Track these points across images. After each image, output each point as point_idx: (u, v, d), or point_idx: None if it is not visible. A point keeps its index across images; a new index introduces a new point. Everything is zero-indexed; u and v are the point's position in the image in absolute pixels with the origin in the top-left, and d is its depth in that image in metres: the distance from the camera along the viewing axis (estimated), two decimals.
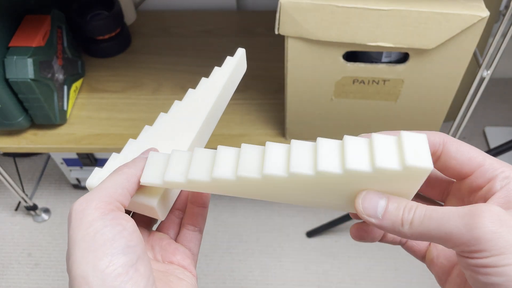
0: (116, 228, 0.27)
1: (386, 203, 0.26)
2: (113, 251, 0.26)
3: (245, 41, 0.94)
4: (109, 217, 0.27)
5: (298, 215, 1.03)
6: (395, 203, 0.26)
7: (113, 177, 0.30)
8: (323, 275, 0.95)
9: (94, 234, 0.26)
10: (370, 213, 0.26)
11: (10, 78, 0.69)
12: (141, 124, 0.82)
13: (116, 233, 0.26)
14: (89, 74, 0.90)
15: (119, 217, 0.27)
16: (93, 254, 0.25)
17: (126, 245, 0.26)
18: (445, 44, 0.55)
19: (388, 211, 0.26)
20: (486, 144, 1.12)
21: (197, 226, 0.35)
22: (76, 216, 0.27)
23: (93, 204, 0.27)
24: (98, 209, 0.27)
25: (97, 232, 0.26)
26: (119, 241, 0.26)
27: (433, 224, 0.24)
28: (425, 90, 0.63)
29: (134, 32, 0.97)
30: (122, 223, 0.27)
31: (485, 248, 0.22)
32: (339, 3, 0.52)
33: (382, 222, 0.26)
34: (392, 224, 0.26)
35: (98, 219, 0.27)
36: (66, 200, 1.09)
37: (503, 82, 1.24)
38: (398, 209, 0.26)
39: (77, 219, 0.27)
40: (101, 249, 0.25)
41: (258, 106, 0.82)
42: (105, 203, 0.28)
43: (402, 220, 0.25)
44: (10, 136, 0.80)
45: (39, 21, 0.75)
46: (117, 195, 0.29)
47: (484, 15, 0.52)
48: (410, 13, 0.52)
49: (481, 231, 0.22)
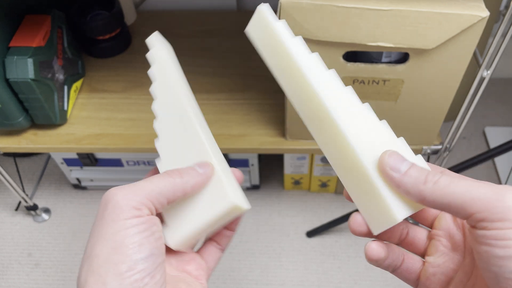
0: (145, 234, 0.27)
1: (411, 164, 0.27)
2: (136, 257, 0.26)
3: (245, 41, 0.94)
4: (141, 220, 0.27)
5: (298, 215, 1.03)
6: (419, 166, 0.27)
7: (160, 179, 0.30)
8: (323, 275, 0.95)
9: (124, 237, 0.26)
10: (393, 166, 0.27)
11: (10, 78, 0.69)
12: (141, 124, 0.83)
13: (144, 239, 0.27)
14: (89, 74, 0.90)
15: (151, 222, 0.28)
16: (117, 256, 0.26)
17: (150, 253, 0.27)
18: (445, 44, 0.55)
19: (412, 169, 0.27)
20: (486, 144, 1.12)
21: (220, 245, 0.36)
22: (109, 205, 0.27)
23: (133, 203, 0.27)
24: (135, 209, 0.27)
25: (127, 235, 0.26)
26: (145, 247, 0.26)
27: (462, 187, 0.24)
28: (425, 90, 0.63)
29: (134, 32, 0.97)
30: (152, 230, 0.27)
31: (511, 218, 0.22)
32: (339, 3, 0.52)
33: (403, 177, 0.26)
34: (415, 181, 0.26)
35: (133, 220, 0.27)
36: (66, 200, 1.09)
37: (503, 82, 1.24)
38: (422, 170, 0.26)
39: (109, 210, 0.27)
40: (126, 252, 0.26)
41: (258, 106, 0.82)
42: (144, 206, 0.28)
43: (426, 178, 0.26)
44: (10, 136, 0.80)
45: (39, 21, 0.75)
46: (155, 201, 0.29)
47: (484, 15, 0.52)
48: (410, 13, 0.52)
49: (510, 203, 0.23)
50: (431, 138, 0.73)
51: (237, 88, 0.85)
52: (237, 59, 0.90)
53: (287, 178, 1.04)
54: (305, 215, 1.04)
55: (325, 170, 0.99)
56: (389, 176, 0.27)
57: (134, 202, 0.28)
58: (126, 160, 1.00)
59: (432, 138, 0.73)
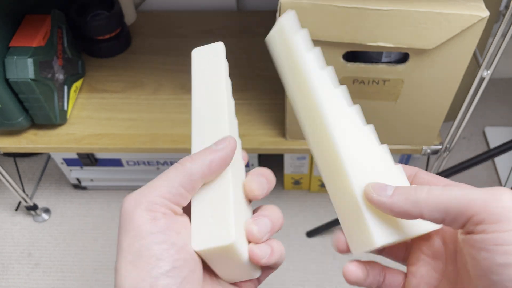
0: (164, 245, 0.24)
1: (395, 187, 0.27)
2: (157, 272, 0.24)
3: (245, 41, 0.94)
4: (158, 226, 0.25)
5: (298, 215, 1.03)
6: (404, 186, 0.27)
7: (169, 173, 0.27)
8: (323, 275, 0.95)
9: (140, 248, 0.24)
10: (379, 192, 0.26)
11: (10, 78, 0.69)
12: (141, 124, 0.83)
13: (163, 251, 0.24)
14: (89, 74, 0.90)
15: (170, 227, 0.25)
16: (136, 271, 0.24)
17: (172, 267, 0.24)
18: (445, 44, 0.55)
19: (398, 188, 0.26)
20: (486, 144, 1.12)
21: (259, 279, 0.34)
22: (125, 217, 0.25)
23: (143, 205, 0.25)
24: (148, 211, 0.25)
25: (143, 247, 0.24)
26: (165, 261, 0.24)
27: (455, 191, 0.24)
28: (425, 90, 0.63)
29: (134, 32, 0.97)
30: (172, 237, 0.25)
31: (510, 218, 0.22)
32: (339, 3, 0.52)
33: (393, 197, 0.26)
34: (405, 197, 0.25)
35: (146, 225, 0.25)
36: (66, 200, 1.09)
37: (503, 82, 1.24)
38: (409, 187, 0.26)
39: (125, 220, 0.25)
40: (145, 267, 0.24)
41: (258, 106, 0.82)
42: (157, 205, 0.25)
43: (415, 191, 0.25)
44: (10, 136, 0.80)
45: (39, 21, 0.75)
46: (171, 196, 0.26)
47: (484, 15, 0.52)
48: (410, 13, 0.52)
49: (507, 202, 0.22)
50: (431, 138, 0.73)
51: (237, 88, 0.85)
52: (237, 59, 0.90)
53: (287, 178, 1.04)
54: (305, 215, 1.04)
55: None
56: (379, 202, 0.26)
57: (146, 204, 0.25)
58: (126, 160, 1.00)
59: (432, 138, 0.73)
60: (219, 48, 0.36)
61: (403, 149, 0.74)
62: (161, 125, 0.81)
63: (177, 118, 0.81)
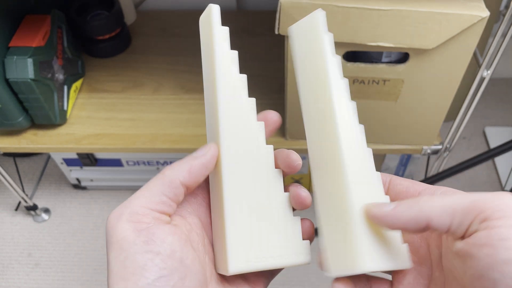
0: (148, 255, 0.24)
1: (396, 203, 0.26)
2: (143, 282, 0.24)
3: (245, 41, 0.94)
4: (142, 237, 0.25)
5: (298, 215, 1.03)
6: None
7: (150, 183, 0.27)
8: (323, 275, 0.95)
9: (125, 260, 0.24)
10: (381, 207, 0.26)
11: (10, 78, 0.69)
12: (141, 124, 0.83)
13: (147, 260, 0.24)
14: (89, 74, 0.90)
15: (154, 236, 0.25)
16: (123, 283, 0.24)
17: (159, 275, 0.24)
18: (445, 44, 0.55)
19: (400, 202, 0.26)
20: (486, 144, 1.12)
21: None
22: (109, 230, 0.25)
23: (125, 217, 0.25)
24: (130, 223, 0.25)
25: (127, 258, 0.24)
26: (151, 271, 0.24)
27: (457, 194, 0.24)
28: (425, 90, 0.63)
29: (134, 32, 0.97)
30: (157, 245, 0.25)
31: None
32: (339, 3, 0.52)
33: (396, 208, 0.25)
34: (409, 206, 0.25)
35: (129, 237, 0.25)
36: (66, 200, 1.09)
37: (503, 82, 1.24)
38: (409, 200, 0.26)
39: (110, 234, 0.25)
40: (131, 278, 0.24)
41: (258, 106, 0.81)
42: (139, 215, 0.25)
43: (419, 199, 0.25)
44: (10, 136, 0.80)
45: (39, 21, 0.75)
46: (153, 205, 0.26)
47: (484, 15, 0.52)
48: (410, 13, 0.52)
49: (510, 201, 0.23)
50: (431, 138, 0.73)
51: None
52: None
53: (287, 178, 1.04)
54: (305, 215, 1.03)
55: None
56: (382, 214, 0.26)
57: (127, 215, 0.25)
58: (126, 160, 1.00)
59: (432, 138, 0.73)
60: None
61: (403, 149, 0.74)
62: (161, 125, 0.81)
63: (177, 118, 0.81)
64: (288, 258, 0.30)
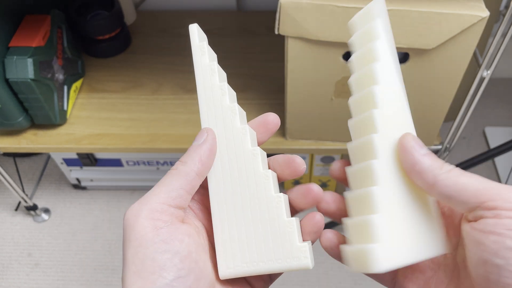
0: (167, 255, 0.24)
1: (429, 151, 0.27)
2: (161, 282, 0.24)
3: (245, 41, 0.94)
4: (161, 235, 0.25)
5: (298, 215, 1.03)
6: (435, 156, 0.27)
7: (166, 179, 0.27)
8: (323, 275, 0.95)
9: (144, 258, 0.24)
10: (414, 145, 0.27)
11: (10, 78, 0.69)
12: (141, 124, 0.83)
13: (166, 260, 0.24)
14: (89, 74, 0.90)
15: (173, 236, 0.25)
16: (141, 282, 0.24)
17: (177, 276, 0.24)
18: (445, 44, 0.55)
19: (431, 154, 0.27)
20: (486, 144, 1.12)
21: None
22: (127, 227, 0.25)
23: (143, 213, 0.25)
24: (150, 220, 0.25)
25: (147, 257, 0.24)
26: (169, 271, 0.24)
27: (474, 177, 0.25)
28: (425, 90, 0.63)
29: (134, 32, 0.97)
30: (175, 246, 0.25)
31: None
32: (339, 3, 0.52)
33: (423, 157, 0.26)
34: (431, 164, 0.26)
35: (149, 234, 0.25)
36: (66, 200, 1.09)
37: (503, 82, 1.24)
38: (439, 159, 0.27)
39: (128, 231, 0.25)
40: (150, 277, 0.24)
41: (258, 106, 0.82)
42: (158, 213, 0.25)
43: (442, 165, 0.26)
44: (10, 136, 0.80)
45: (39, 21, 0.75)
46: (171, 200, 0.26)
47: (484, 15, 0.52)
48: (410, 13, 0.52)
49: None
50: (431, 138, 0.73)
51: (237, 88, 0.85)
52: (237, 59, 0.90)
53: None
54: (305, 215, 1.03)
55: (325, 170, 0.99)
56: (409, 152, 0.26)
57: (147, 212, 0.25)
58: (126, 160, 1.00)
59: (432, 138, 0.73)
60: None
61: None
62: (161, 125, 0.81)
63: (177, 118, 0.81)
64: (282, 262, 0.29)
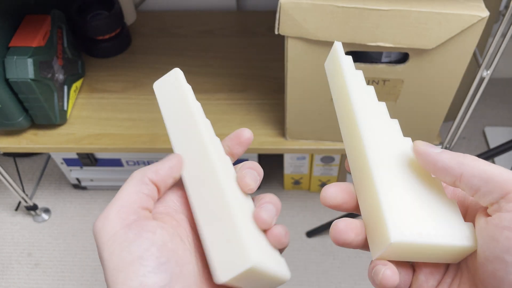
0: (143, 245, 0.25)
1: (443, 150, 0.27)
2: (143, 271, 0.24)
3: (245, 41, 0.94)
4: (133, 229, 0.25)
5: (298, 215, 1.03)
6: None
7: (122, 187, 0.28)
8: (323, 275, 0.95)
9: (120, 252, 0.24)
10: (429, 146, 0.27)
11: (10, 78, 0.69)
12: (141, 124, 0.83)
13: (143, 251, 0.25)
14: (89, 74, 0.90)
15: (144, 229, 0.25)
16: (123, 274, 0.24)
17: (158, 263, 0.24)
18: (445, 44, 0.55)
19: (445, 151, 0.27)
20: (486, 144, 1.12)
21: None
22: (98, 233, 0.26)
23: (111, 214, 0.26)
24: (118, 218, 0.26)
25: (123, 250, 0.24)
26: (149, 259, 0.24)
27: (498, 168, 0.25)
28: (425, 90, 0.63)
29: (134, 32, 0.97)
30: (149, 237, 0.25)
31: None
32: (339, 3, 0.52)
33: (441, 154, 0.27)
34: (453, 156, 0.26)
35: (121, 232, 0.25)
36: (66, 200, 1.09)
37: (503, 82, 1.24)
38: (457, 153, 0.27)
39: (99, 236, 0.26)
40: (130, 268, 0.24)
41: (258, 106, 0.82)
42: (125, 209, 0.26)
43: (464, 156, 0.26)
44: (10, 136, 0.80)
45: (39, 21, 0.75)
46: (133, 203, 0.27)
47: (484, 15, 0.52)
48: (410, 13, 0.52)
49: None
50: (431, 138, 0.73)
51: (237, 88, 0.85)
52: (237, 59, 0.90)
53: (287, 178, 1.04)
54: (305, 215, 1.04)
55: (325, 170, 0.99)
56: (426, 154, 0.27)
57: (114, 213, 0.26)
58: (126, 160, 1.00)
59: (432, 138, 0.73)
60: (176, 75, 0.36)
61: None
62: (161, 125, 0.81)
63: None
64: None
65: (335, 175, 1.01)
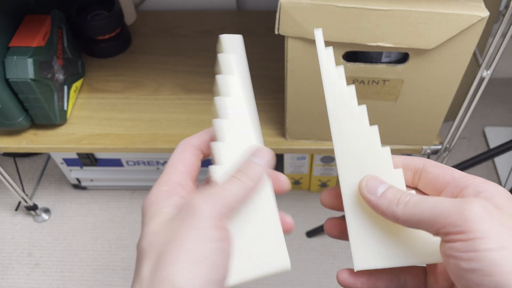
0: (221, 256, 0.27)
1: (387, 187, 0.29)
2: (210, 278, 0.25)
3: (245, 41, 0.94)
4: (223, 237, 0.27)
5: (298, 215, 1.03)
6: (395, 188, 0.29)
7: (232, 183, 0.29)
8: (323, 275, 0.95)
9: (205, 252, 0.26)
10: (370, 190, 0.29)
11: (10, 78, 0.69)
12: (141, 124, 0.83)
13: (220, 262, 0.26)
14: (89, 74, 0.90)
15: (226, 239, 0.27)
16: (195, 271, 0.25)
17: (223, 276, 0.27)
18: (445, 44, 0.55)
19: (387, 191, 0.29)
20: (486, 144, 1.12)
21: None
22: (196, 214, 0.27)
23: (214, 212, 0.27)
24: (216, 219, 0.27)
25: (207, 258, 0.26)
26: (220, 270, 0.26)
27: (427, 206, 0.26)
28: (425, 90, 0.63)
29: (134, 32, 0.97)
30: (226, 249, 0.27)
31: (470, 229, 0.24)
32: (339, 3, 0.52)
33: (379, 200, 0.29)
34: (389, 203, 0.28)
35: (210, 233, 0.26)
36: (66, 200, 1.09)
37: (503, 82, 1.24)
38: (397, 192, 0.28)
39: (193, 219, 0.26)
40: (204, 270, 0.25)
41: (258, 106, 0.81)
42: (223, 215, 0.27)
43: (398, 200, 0.28)
44: (10, 136, 0.80)
45: (39, 21, 0.75)
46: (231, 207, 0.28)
47: (484, 15, 0.52)
48: (410, 13, 0.52)
49: (468, 213, 0.24)
50: (431, 138, 0.73)
51: None
52: None
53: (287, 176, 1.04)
54: (305, 215, 1.04)
55: (325, 170, 0.99)
56: (366, 199, 0.29)
57: (216, 212, 0.27)
58: (126, 160, 1.00)
59: (432, 138, 0.73)
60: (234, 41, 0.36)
61: (403, 149, 0.74)
62: (161, 125, 0.81)
63: (177, 118, 0.81)
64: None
65: (335, 175, 1.01)
